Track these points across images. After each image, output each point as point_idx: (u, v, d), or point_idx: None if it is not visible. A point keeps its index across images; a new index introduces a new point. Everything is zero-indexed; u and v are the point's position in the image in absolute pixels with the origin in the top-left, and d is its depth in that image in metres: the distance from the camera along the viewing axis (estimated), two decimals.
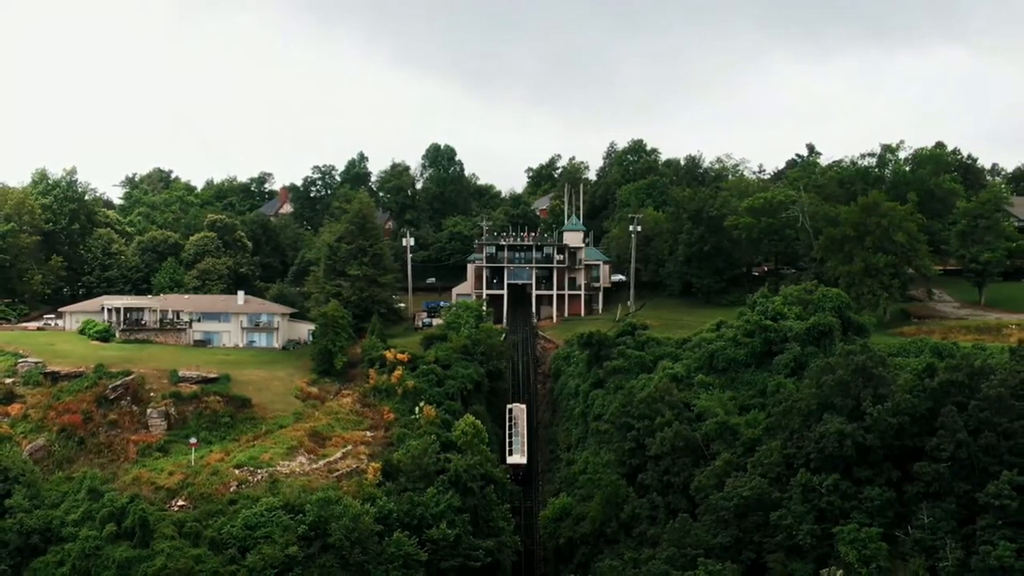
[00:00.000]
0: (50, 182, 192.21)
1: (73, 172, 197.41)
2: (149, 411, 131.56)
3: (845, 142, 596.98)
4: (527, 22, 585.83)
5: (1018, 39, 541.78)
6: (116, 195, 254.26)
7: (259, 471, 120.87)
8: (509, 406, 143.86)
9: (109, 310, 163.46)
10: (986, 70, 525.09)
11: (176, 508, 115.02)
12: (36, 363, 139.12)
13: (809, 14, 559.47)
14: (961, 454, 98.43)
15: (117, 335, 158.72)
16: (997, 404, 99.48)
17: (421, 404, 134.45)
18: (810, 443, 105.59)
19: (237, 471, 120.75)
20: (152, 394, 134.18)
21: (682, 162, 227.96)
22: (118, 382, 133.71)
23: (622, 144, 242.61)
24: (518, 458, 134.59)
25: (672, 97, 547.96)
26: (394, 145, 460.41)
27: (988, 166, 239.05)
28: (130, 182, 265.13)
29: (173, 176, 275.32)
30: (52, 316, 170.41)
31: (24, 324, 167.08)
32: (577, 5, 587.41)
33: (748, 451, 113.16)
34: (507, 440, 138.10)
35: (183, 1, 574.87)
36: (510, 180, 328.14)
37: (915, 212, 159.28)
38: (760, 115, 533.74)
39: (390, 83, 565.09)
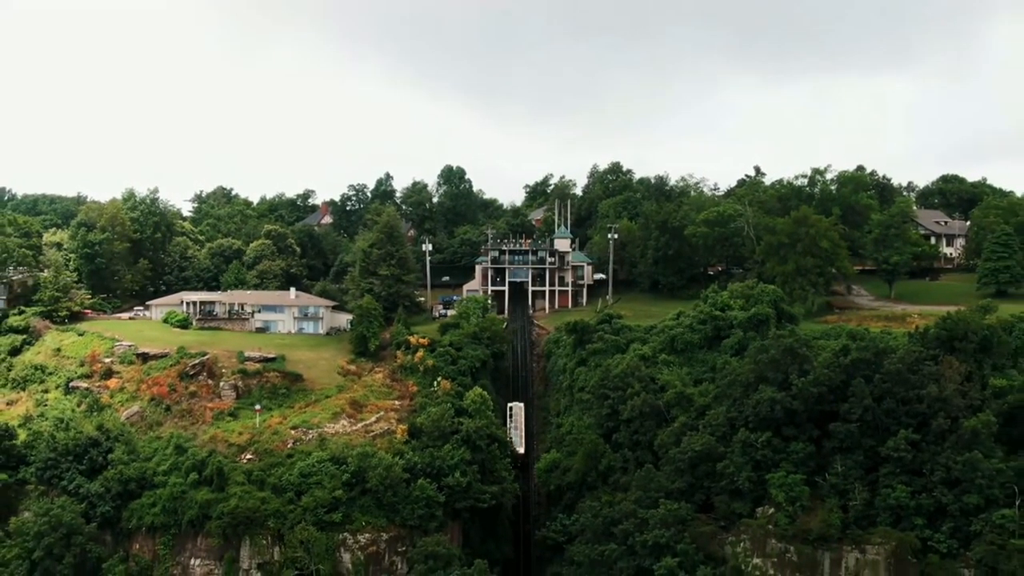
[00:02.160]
0: (137, 199, 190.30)
1: (155, 191, 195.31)
2: (221, 384, 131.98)
3: (798, 157, 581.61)
4: (528, 54, 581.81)
5: (955, 68, 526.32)
6: (187, 209, 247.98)
7: (310, 431, 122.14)
8: (509, 404, 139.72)
9: (187, 303, 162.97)
10: (923, 95, 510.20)
11: (245, 460, 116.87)
12: (129, 346, 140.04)
13: (772, 44, 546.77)
14: (867, 416, 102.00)
15: (194, 323, 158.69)
16: (896, 377, 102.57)
17: (439, 379, 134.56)
18: (748, 408, 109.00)
19: (293, 431, 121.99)
20: (223, 370, 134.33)
21: (652, 180, 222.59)
22: (196, 361, 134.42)
23: (603, 165, 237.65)
24: (517, 448, 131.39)
25: (651, 118, 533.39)
26: (413, 158, 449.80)
27: (905, 183, 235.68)
28: (198, 198, 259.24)
29: (233, 193, 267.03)
30: (141, 308, 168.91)
31: (118, 315, 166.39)
32: (571, 38, 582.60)
33: (700, 415, 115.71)
34: (508, 435, 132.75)
35: (228, 40, 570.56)
36: (510, 193, 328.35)
37: (837, 223, 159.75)
38: (725, 133, 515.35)
39: (410, 106, 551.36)
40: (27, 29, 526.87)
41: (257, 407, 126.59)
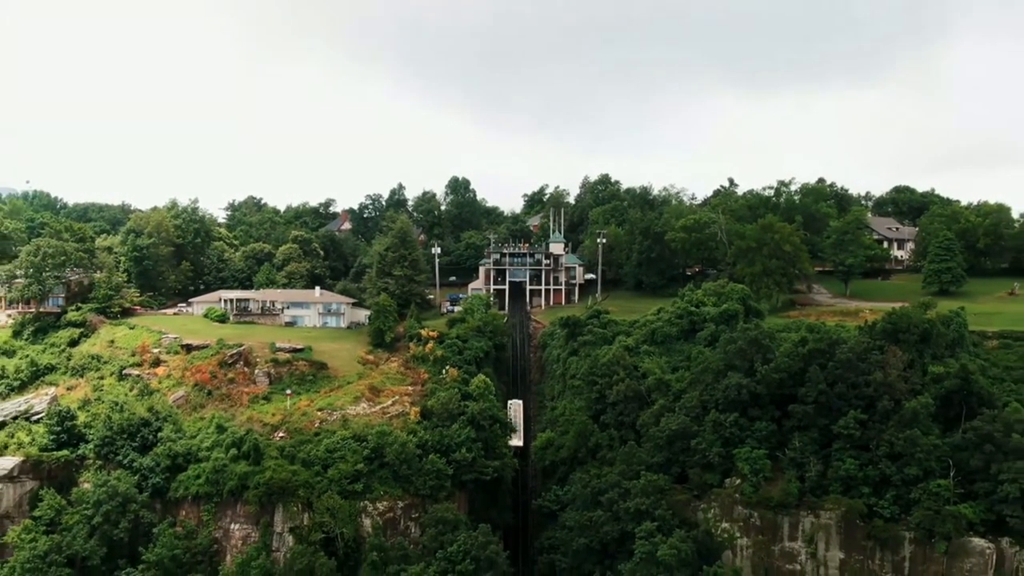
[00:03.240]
0: (179, 208, 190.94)
1: (196, 201, 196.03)
2: (256, 371, 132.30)
3: (770, 167, 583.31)
4: (529, 73, 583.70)
5: (916, 86, 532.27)
6: (221, 216, 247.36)
7: (334, 413, 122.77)
8: (509, 401, 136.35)
9: (224, 300, 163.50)
10: (884, 111, 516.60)
11: (278, 438, 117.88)
12: (175, 338, 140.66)
13: (756, 62, 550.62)
14: (821, 399, 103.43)
15: (231, 318, 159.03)
16: (847, 364, 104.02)
17: (447, 367, 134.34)
18: (719, 392, 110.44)
19: (319, 413, 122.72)
20: (257, 360, 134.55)
21: (637, 190, 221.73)
22: (233, 351, 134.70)
23: (594, 176, 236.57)
24: (516, 441, 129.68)
25: (639, 131, 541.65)
26: (425, 168, 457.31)
27: (864, 192, 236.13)
28: (231, 206, 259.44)
29: (263, 202, 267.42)
30: (184, 305, 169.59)
31: (163, 311, 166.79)
32: (568, 59, 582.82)
33: (676, 398, 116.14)
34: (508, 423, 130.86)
35: (258, 62, 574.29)
36: (511, 201, 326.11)
37: (799, 229, 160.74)
38: (704, 145, 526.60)
39: (423, 121, 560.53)
40: (70, 53, 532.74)
41: (288, 392, 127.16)
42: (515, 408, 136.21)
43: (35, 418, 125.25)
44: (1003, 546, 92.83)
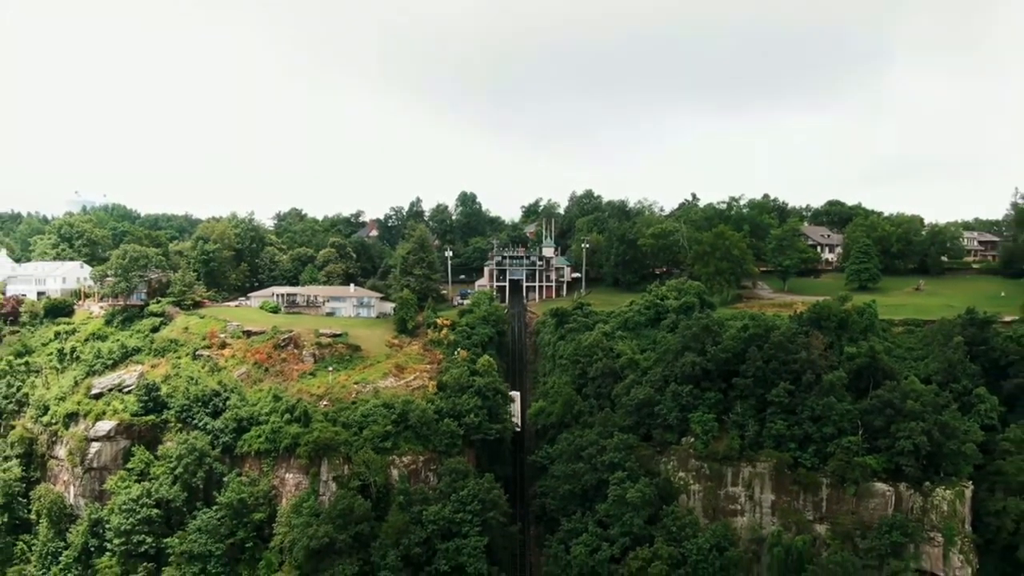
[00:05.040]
0: (238, 219, 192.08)
1: (252, 214, 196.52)
2: (303, 352, 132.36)
3: (729, 180, 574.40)
4: (528, 98, 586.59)
5: (867, 109, 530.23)
6: (269, 224, 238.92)
7: (367, 385, 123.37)
8: (510, 392, 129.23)
9: (276, 295, 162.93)
10: (825, 132, 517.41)
11: (322, 405, 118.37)
12: (237, 325, 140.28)
13: (722, 90, 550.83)
14: (759, 373, 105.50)
15: (282, 309, 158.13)
16: (779, 346, 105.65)
17: (458, 349, 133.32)
18: (677, 369, 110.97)
19: (355, 385, 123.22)
20: (304, 343, 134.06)
21: (616, 203, 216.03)
22: (285, 336, 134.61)
23: (580, 191, 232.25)
24: (515, 428, 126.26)
25: (624, 147, 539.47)
26: (438, 181, 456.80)
27: (804, 205, 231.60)
28: (278, 216, 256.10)
29: (304, 212, 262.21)
30: (243, 298, 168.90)
31: (227, 303, 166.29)
32: (563, 82, 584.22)
33: (643, 374, 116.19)
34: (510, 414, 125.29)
35: (300, 90, 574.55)
36: (510, 210, 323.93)
37: (747, 237, 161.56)
38: (681, 159, 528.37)
39: (434, 138, 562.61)
40: (139, 86, 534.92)
41: (330, 369, 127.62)
42: (514, 396, 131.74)
43: (126, 390, 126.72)
44: (900, 489, 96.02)
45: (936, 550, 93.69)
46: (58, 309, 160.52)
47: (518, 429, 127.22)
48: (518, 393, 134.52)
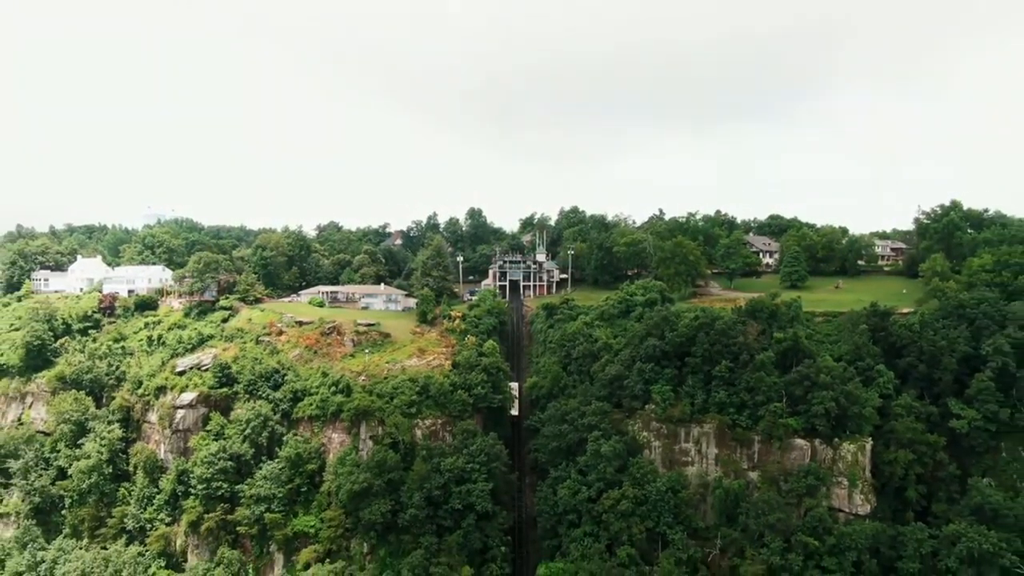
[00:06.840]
0: (289, 231, 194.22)
1: (300, 227, 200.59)
2: (344, 338, 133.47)
3: (691, 196, 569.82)
4: (528, 121, 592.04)
5: (822, 131, 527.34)
6: (312, 234, 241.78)
7: (396, 364, 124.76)
8: (510, 384, 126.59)
9: (322, 292, 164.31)
10: (785, 151, 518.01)
11: (361, 380, 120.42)
12: (290, 317, 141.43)
13: (696, 110, 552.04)
14: (706, 354, 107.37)
15: (326, 304, 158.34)
16: (722, 332, 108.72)
17: (468, 336, 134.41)
18: (642, 351, 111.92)
19: (387, 365, 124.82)
20: (345, 331, 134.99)
21: (597, 217, 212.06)
22: (329, 325, 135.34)
23: (568, 206, 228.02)
24: (514, 412, 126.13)
25: (602, 166, 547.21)
26: (452, 195, 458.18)
27: (752, 217, 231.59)
28: (319, 227, 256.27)
29: (340, 225, 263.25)
30: (295, 296, 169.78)
31: (281, 300, 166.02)
32: (560, 106, 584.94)
33: (615, 355, 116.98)
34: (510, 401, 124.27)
35: (339, 119, 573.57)
36: (510, 222, 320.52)
37: (701, 245, 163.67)
38: (655, 177, 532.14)
39: (448, 155, 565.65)
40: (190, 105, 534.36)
41: (366, 351, 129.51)
42: (514, 389, 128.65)
43: (204, 368, 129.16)
44: (815, 444, 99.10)
45: (843, 491, 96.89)
46: (145, 304, 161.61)
47: (516, 414, 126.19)
48: (517, 384, 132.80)
